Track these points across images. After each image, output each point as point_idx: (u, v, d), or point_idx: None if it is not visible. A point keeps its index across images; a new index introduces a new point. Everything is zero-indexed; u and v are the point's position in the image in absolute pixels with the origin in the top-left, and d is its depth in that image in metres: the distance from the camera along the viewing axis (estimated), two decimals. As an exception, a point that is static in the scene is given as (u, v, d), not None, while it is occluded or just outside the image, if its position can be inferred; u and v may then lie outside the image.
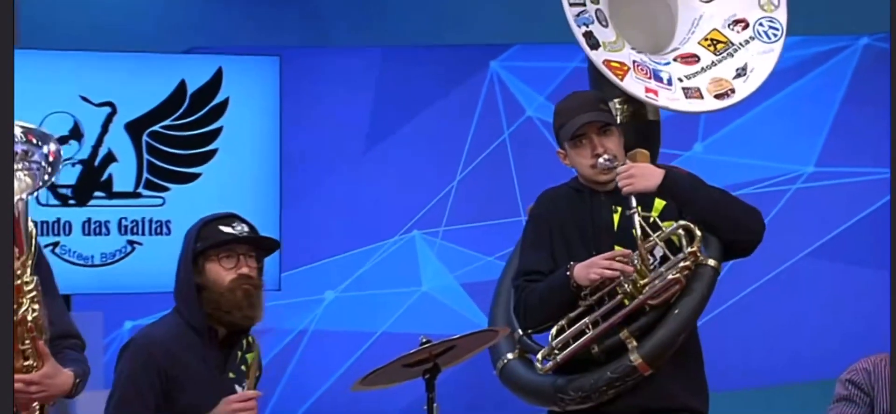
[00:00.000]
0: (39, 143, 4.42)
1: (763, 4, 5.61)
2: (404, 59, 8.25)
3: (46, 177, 4.41)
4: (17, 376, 4.39)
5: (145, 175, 7.36)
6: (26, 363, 4.41)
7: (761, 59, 5.55)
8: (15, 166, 4.36)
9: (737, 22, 5.58)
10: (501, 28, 8.14)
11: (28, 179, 4.37)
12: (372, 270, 8.24)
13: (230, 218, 5.30)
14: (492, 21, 8.12)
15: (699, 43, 5.57)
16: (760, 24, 5.59)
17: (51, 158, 4.41)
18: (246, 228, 5.26)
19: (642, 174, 5.08)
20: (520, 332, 5.28)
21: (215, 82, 7.44)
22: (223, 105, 7.44)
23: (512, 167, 8.22)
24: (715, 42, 5.55)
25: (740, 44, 5.57)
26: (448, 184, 8.23)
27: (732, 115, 7.82)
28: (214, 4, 8.14)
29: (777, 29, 5.56)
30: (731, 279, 6.38)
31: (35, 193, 4.52)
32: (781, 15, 5.57)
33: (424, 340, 5.22)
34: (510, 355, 5.32)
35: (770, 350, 7.85)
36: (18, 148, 4.38)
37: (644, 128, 5.43)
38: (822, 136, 8.05)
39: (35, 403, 4.49)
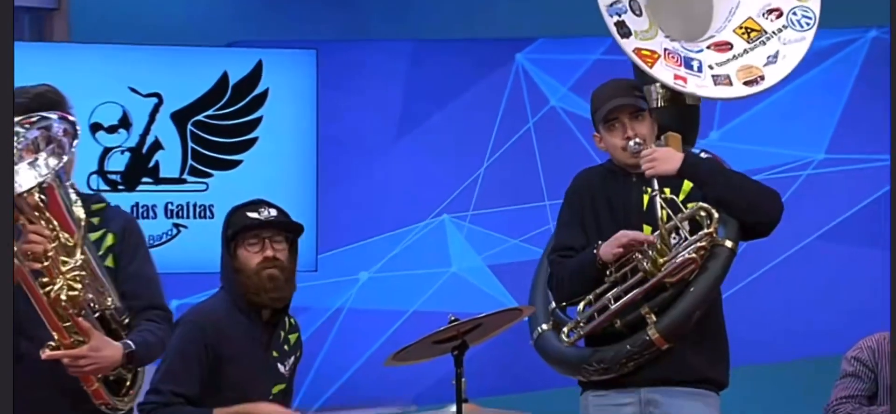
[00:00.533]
0: (46, 119, 4.41)
1: None
2: (434, 51, 8.22)
3: (74, 139, 4.37)
4: (63, 352, 4.41)
5: (190, 162, 7.39)
6: (74, 339, 4.41)
7: (792, 48, 5.47)
8: (43, 152, 4.33)
9: (771, 11, 5.49)
10: (526, 22, 8.12)
11: (53, 160, 4.33)
12: (404, 252, 8.21)
13: (258, 204, 5.35)
14: (517, 16, 8.11)
15: (734, 31, 5.49)
16: (794, 14, 5.50)
17: (65, 127, 4.39)
18: (273, 213, 5.31)
19: (663, 158, 5.10)
20: (554, 304, 5.31)
21: (255, 74, 7.47)
22: (263, 96, 7.47)
23: (536, 154, 8.18)
24: (749, 30, 5.48)
25: (773, 32, 5.48)
26: (476, 170, 8.20)
27: (747, 104, 7.80)
28: (255, 1, 8.16)
29: (810, 18, 5.49)
30: (745, 259, 6.39)
31: (59, 167, 4.40)
32: (815, 4, 5.50)
33: (453, 319, 5.27)
34: (545, 326, 5.35)
35: (780, 327, 7.81)
36: (37, 132, 4.37)
37: (683, 111, 5.39)
38: (832, 125, 8.01)
39: (92, 375, 4.47)
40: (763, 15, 5.47)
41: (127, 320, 4.59)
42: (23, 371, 4.52)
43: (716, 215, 5.08)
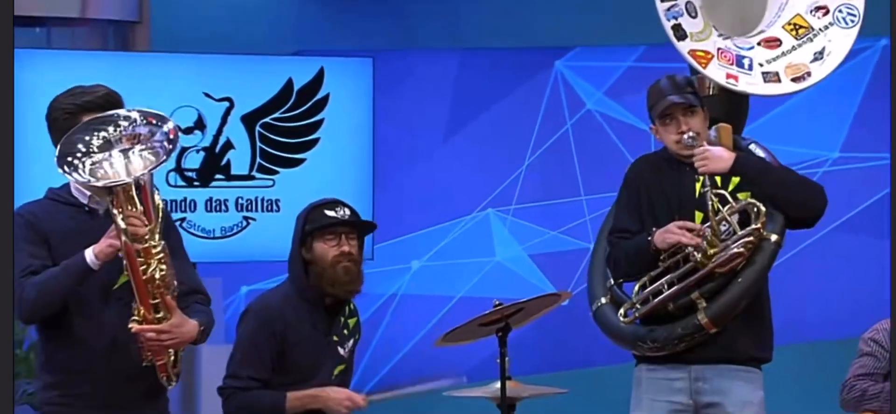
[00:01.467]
0: (159, 124, 4.40)
1: None
2: (479, 59, 8.24)
3: (167, 153, 4.39)
4: (149, 326, 4.44)
5: (258, 160, 7.39)
6: (158, 315, 4.43)
7: (838, 44, 5.39)
8: (138, 147, 4.36)
9: (818, 8, 5.41)
10: (564, 32, 8.11)
11: (151, 157, 4.36)
12: (452, 243, 8.26)
13: (334, 203, 5.40)
14: (556, 26, 8.10)
15: (783, 27, 5.41)
16: (839, 11, 5.43)
17: (171, 136, 4.40)
18: (347, 212, 5.36)
19: (715, 157, 5.10)
20: (612, 281, 5.31)
21: (318, 80, 7.45)
22: (324, 100, 7.46)
23: (573, 154, 8.20)
24: (797, 27, 5.40)
25: (820, 29, 5.40)
26: (518, 168, 8.22)
27: (769, 106, 7.82)
28: (317, 14, 8.15)
29: (854, 15, 5.41)
30: None
31: (157, 168, 4.43)
32: (859, 1, 5.41)
33: (497, 303, 5.29)
34: (603, 300, 5.33)
35: (802, 312, 7.81)
36: (141, 130, 4.38)
37: (733, 99, 5.35)
38: (846, 126, 8.01)
39: (170, 349, 4.52)
40: (811, 12, 5.40)
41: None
42: (74, 348, 4.59)
43: (764, 210, 5.09)
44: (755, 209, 5.08)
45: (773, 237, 5.12)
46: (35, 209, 4.64)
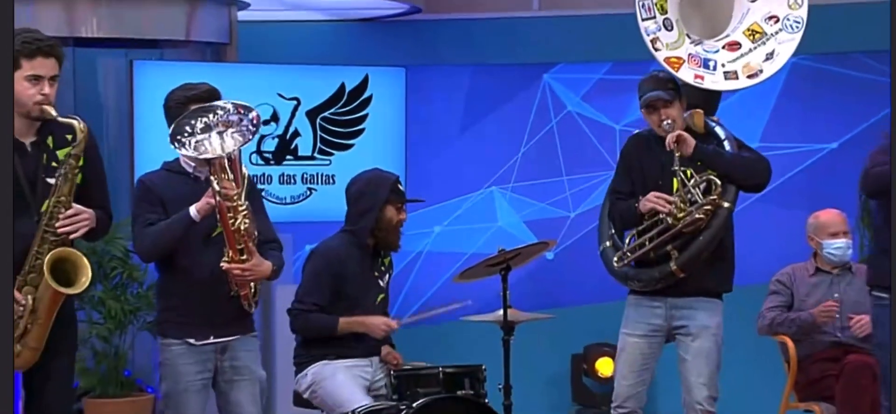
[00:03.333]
0: (246, 112, 4.45)
1: (791, 4, 5.34)
2: (486, 72, 8.21)
3: (252, 134, 4.44)
4: (236, 265, 4.48)
5: (318, 145, 7.44)
6: (242, 257, 4.49)
7: (785, 47, 5.31)
8: (230, 130, 4.40)
9: (771, 17, 5.32)
10: (550, 52, 8.08)
11: (239, 137, 4.40)
12: (464, 213, 8.23)
13: (399, 181, 5.50)
14: (544, 48, 8.07)
15: (743, 32, 5.32)
16: (787, 19, 5.33)
17: (255, 121, 4.45)
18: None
19: (683, 143, 5.07)
20: (612, 230, 5.28)
21: (363, 85, 7.50)
22: (368, 100, 7.51)
23: (557, 145, 8.16)
24: (754, 32, 5.31)
25: (771, 34, 5.31)
26: (515, 155, 8.19)
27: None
28: (364, 36, 8.15)
29: (799, 22, 5.33)
30: None
31: (244, 146, 4.48)
32: (803, 12, 5.32)
33: (500, 249, 5.36)
34: (607, 243, 5.33)
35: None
36: (233, 117, 4.41)
37: (705, 91, 5.30)
38: (763, 123, 7.94)
39: (250, 282, 4.58)
40: (765, 19, 5.30)
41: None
42: (183, 280, 4.64)
43: (719, 184, 5.10)
44: (714, 183, 5.08)
45: (726, 204, 5.13)
46: (153, 177, 4.72)
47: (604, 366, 7.55)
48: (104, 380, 7.18)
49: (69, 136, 4.20)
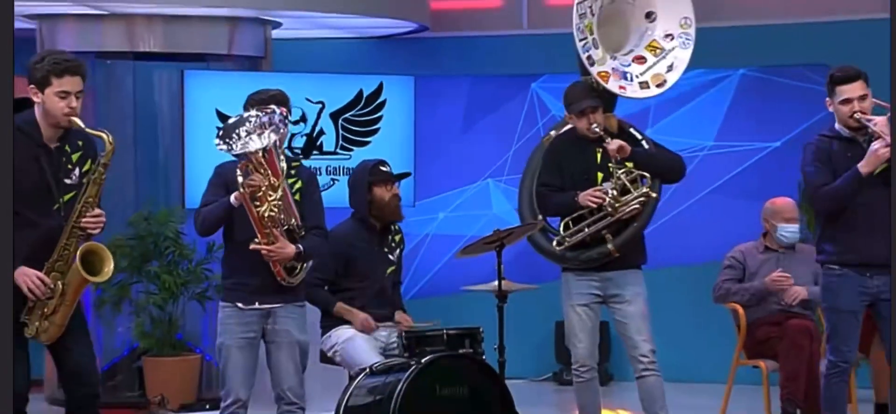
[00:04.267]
0: (274, 111, 4.47)
1: (682, 24, 5.41)
2: (483, 82, 8.20)
3: (285, 126, 4.47)
4: (263, 246, 4.48)
5: (340, 142, 7.43)
6: (269, 240, 4.50)
7: (681, 59, 5.39)
8: (267, 130, 4.41)
9: (668, 35, 5.40)
10: (537, 65, 8.08)
11: (273, 135, 4.42)
12: (465, 201, 8.22)
13: (384, 163, 5.42)
14: (532, 61, 8.07)
15: (646, 48, 5.40)
16: (680, 37, 5.41)
17: (283, 114, 4.49)
18: (391, 169, 5.41)
19: (623, 149, 5.12)
20: (541, 217, 5.30)
21: (378, 90, 7.48)
22: (383, 103, 7.49)
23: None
24: (654, 48, 5.39)
25: (669, 49, 5.39)
26: (507, 152, 8.17)
27: (667, 112, 7.82)
28: (379, 50, 8.14)
29: (690, 38, 5.40)
30: (667, 204, 6.41)
31: (278, 140, 4.48)
32: (692, 31, 5.41)
33: (496, 230, 5.33)
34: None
35: (691, 244, 7.79)
36: (264, 119, 4.42)
37: (611, 96, 5.33)
38: (717, 126, 7.96)
39: (276, 262, 4.55)
40: (663, 37, 5.38)
41: (303, 233, 4.64)
42: (237, 254, 4.64)
43: (648, 178, 5.16)
44: (644, 178, 5.14)
45: (654, 194, 5.19)
46: (226, 167, 4.70)
47: (582, 331, 7.55)
48: (159, 342, 7.20)
49: (80, 143, 4.25)
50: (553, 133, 5.52)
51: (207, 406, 6.75)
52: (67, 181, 4.20)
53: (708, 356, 7.17)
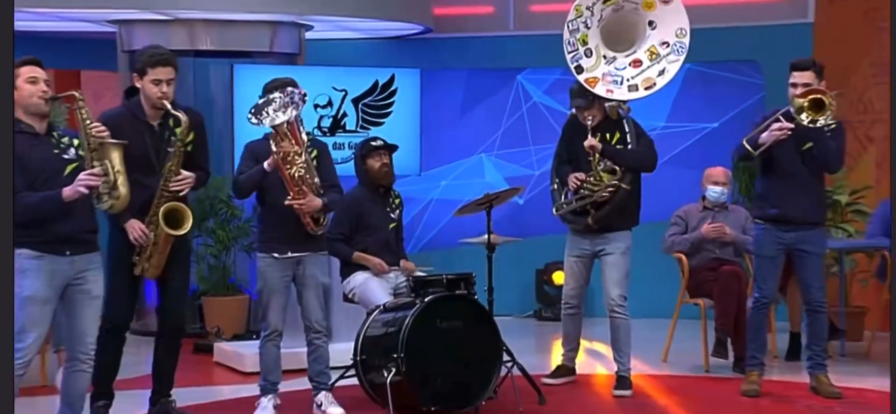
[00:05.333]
0: (294, 90, 4.47)
1: (678, 34, 5.22)
2: (477, 74, 8.18)
3: (303, 103, 4.45)
4: (295, 201, 4.46)
5: (360, 123, 7.40)
6: (299, 196, 4.50)
7: (673, 66, 5.21)
8: (290, 108, 4.39)
9: (664, 43, 5.20)
10: (522, 60, 8.05)
11: (294, 111, 4.41)
12: (462, 171, 8.20)
13: (376, 139, 5.38)
14: (517, 57, 8.04)
15: (645, 52, 5.20)
16: (675, 45, 5.21)
17: (301, 94, 4.48)
18: (382, 143, 5.36)
19: (594, 149, 5.13)
20: (556, 184, 5.31)
21: (391, 81, 7.47)
22: (394, 91, 7.47)
23: (526, 124, 8.13)
24: (652, 53, 5.21)
25: (664, 55, 5.20)
26: (497, 131, 8.15)
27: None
28: (391, 48, 8.11)
29: (684, 47, 5.21)
30: None
31: (297, 115, 4.43)
32: (687, 40, 5.19)
33: (486, 193, 5.36)
34: (555, 186, 5.37)
35: (644, 205, 7.80)
36: (287, 99, 4.41)
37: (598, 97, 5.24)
38: (667, 110, 7.93)
39: (306, 213, 4.56)
40: (660, 45, 5.21)
41: (323, 191, 4.64)
42: (272, 212, 4.66)
43: (620, 169, 5.16)
44: (616, 169, 5.14)
45: (625, 185, 5.17)
46: (255, 143, 4.73)
47: (558, 277, 7.59)
48: (215, 285, 7.28)
49: (180, 120, 4.29)
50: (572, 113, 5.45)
51: (253, 335, 6.85)
52: (170, 150, 4.26)
53: (659, 296, 7.23)
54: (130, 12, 6.92)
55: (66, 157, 3.83)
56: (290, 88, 4.47)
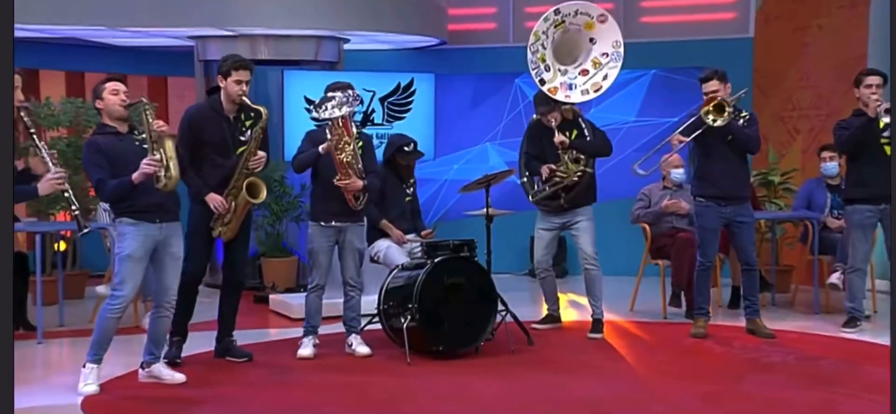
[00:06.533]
0: (349, 91, 4.52)
1: (614, 45, 5.20)
2: (483, 78, 8.16)
3: (356, 103, 4.49)
4: (343, 182, 4.47)
5: (386, 117, 7.45)
6: (345, 177, 4.52)
7: (612, 72, 5.20)
8: (345, 105, 4.40)
9: (605, 54, 5.21)
10: (519, 66, 7.76)
11: (349, 108, 4.43)
12: (472, 157, 8.19)
13: (408, 143, 5.33)
14: (516, 64, 7.80)
15: (591, 61, 5.20)
16: (613, 55, 5.21)
17: (355, 95, 4.51)
18: (414, 149, 5.35)
19: (563, 144, 5.11)
20: (526, 178, 5.32)
21: (411, 84, 7.52)
22: (414, 92, 7.52)
23: (523, 119, 8.04)
24: (596, 63, 5.21)
25: (605, 63, 5.20)
26: (499, 124, 8.15)
27: (605, 97, 7.60)
28: (412, 56, 8.08)
29: (620, 56, 5.21)
30: (605, 160, 6.37)
31: (351, 111, 4.49)
32: (622, 50, 5.20)
33: (486, 174, 5.36)
34: (524, 179, 5.38)
35: (617, 185, 7.69)
36: (343, 97, 4.43)
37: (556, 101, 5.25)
38: (636, 108, 7.93)
39: (351, 192, 4.57)
40: (601, 55, 5.23)
41: (365, 175, 4.66)
42: (321, 187, 4.68)
43: (584, 158, 5.16)
44: (580, 158, 5.14)
45: (589, 170, 5.17)
46: (314, 132, 4.76)
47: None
48: (271, 248, 7.38)
49: (253, 115, 4.39)
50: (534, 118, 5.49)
51: (301, 289, 6.94)
52: (242, 138, 4.35)
53: (627, 258, 7.25)
54: (205, 30, 7.04)
55: (145, 147, 3.94)
56: (349, 91, 4.52)
